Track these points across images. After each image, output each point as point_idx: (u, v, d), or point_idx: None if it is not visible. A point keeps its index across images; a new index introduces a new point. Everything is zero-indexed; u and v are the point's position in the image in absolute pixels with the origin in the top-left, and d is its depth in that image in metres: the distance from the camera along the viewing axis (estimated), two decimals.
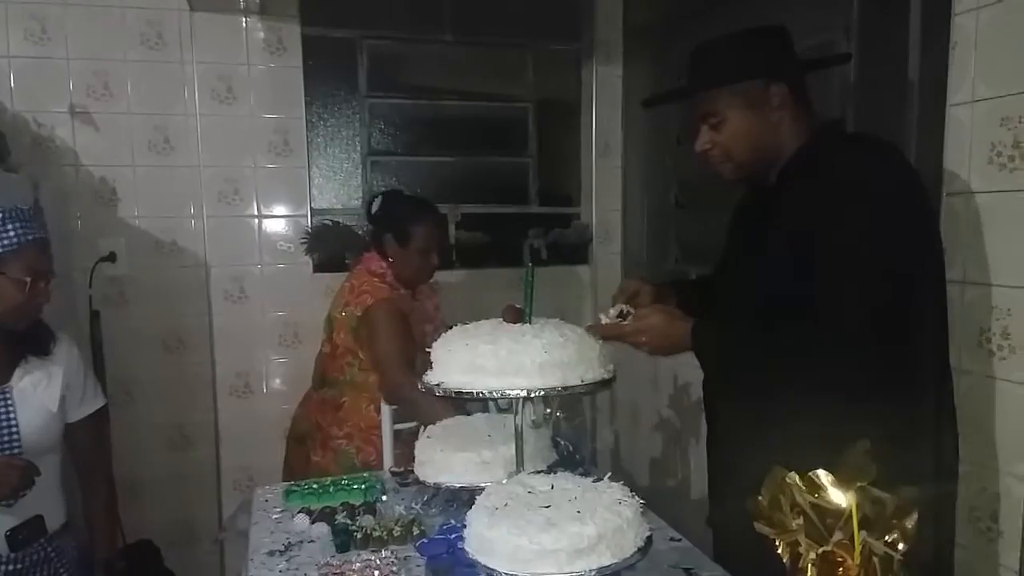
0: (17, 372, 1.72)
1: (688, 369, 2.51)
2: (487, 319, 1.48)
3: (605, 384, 1.35)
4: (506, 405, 1.67)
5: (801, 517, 0.89)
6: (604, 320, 1.50)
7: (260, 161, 2.95)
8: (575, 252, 3.43)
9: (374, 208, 2.48)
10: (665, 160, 3.07)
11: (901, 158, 1.36)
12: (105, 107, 2.76)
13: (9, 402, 1.67)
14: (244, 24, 2.88)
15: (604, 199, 3.40)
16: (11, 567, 1.65)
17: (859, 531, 0.86)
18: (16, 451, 1.66)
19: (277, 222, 2.99)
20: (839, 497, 0.88)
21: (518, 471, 1.46)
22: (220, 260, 2.93)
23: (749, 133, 1.41)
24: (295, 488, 1.86)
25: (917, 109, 1.75)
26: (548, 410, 1.50)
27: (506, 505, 1.17)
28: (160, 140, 2.83)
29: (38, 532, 1.70)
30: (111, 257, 2.73)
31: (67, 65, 2.72)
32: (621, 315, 1.49)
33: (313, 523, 1.65)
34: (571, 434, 2.03)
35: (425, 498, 1.73)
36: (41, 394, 1.73)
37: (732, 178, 1.48)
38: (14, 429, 1.65)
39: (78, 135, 2.74)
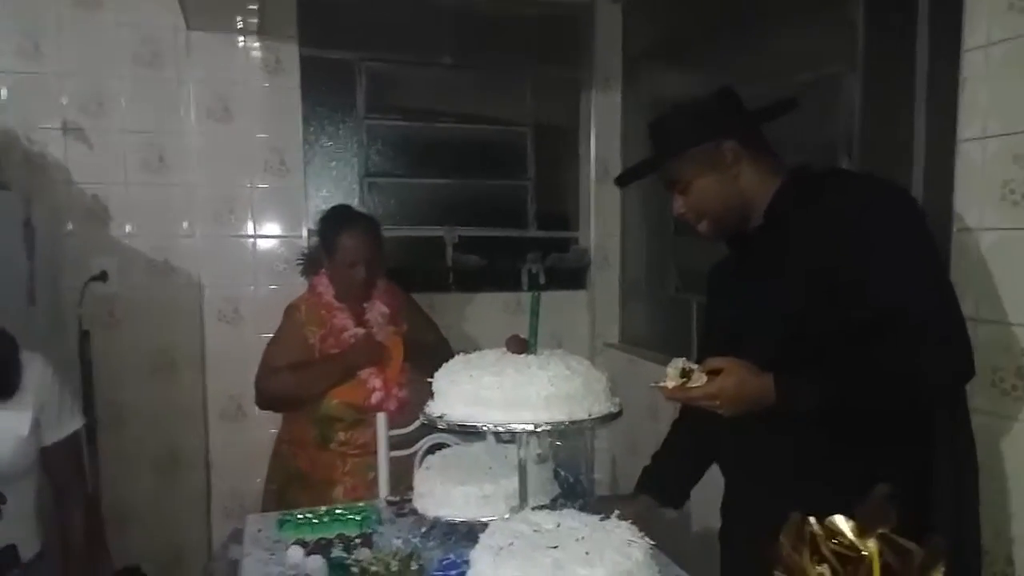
0: None
1: None
2: (487, 347, 1.46)
3: (612, 417, 1.32)
4: (509, 438, 1.63)
5: (824, 566, 0.85)
6: (667, 382, 1.36)
7: (256, 180, 2.93)
8: (573, 277, 3.42)
9: (318, 224, 2.48)
10: (663, 186, 3.06)
11: (885, 180, 1.43)
12: (98, 124, 2.73)
13: None
14: (242, 43, 2.87)
15: (603, 224, 3.39)
16: None
17: None
18: None
19: (272, 242, 2.95)
20: (861, 545, 0.84)
21: (522, 506, 1.42)
22: (214, 280, 2.90)
23: (713, 191, 1.45)
24: (288, 518, 1.81)
25: (924, 143, 1.75)
26: (557, 443, 1.47)
27: (511, 544, 1.13)
28: (154, 158, 2.80)
29: (11, 563, 1.62)
30: (102, 276, 2.69)
31: (60, 82, 2.69)
32: (684, 373, 1.36)
33: (308, 555, 1.59)
34: (571, 464, 1.99)
35: (423, 530, 1.69)
36: (9, 419, 1.66)
37: (713, 236, 1.51)
38: None
39: (70, 152, 2.71)
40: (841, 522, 0.85)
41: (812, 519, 0.87)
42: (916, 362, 1.26)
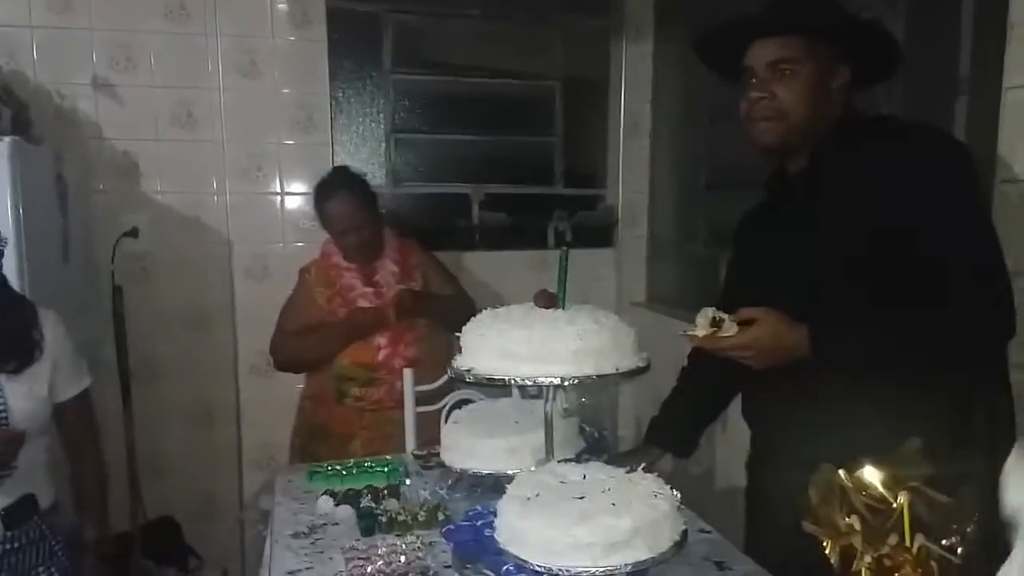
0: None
1: None
2: (515, 303, 1.45)
3: (640, 371, 1.31)
4: (535, 391, 1.64)
5: (854, 517, 0.85)
6: (696, 331, 1.33)
7: (283, 137, 2.92)
8: (600, 234, 3.39)
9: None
10: (696, 140, 3.01)
11: (937, 128, 1.38)
12: (128, 80, 2.74)
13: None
14: None
15: (631, 181, 3.35)
16: (7, 546, 1.63)
17: (915, 534, 0.82)
18: None
19: (299, 200, 2.96)
20: (891, 497, 0.84)
21: (548, 459, 1.43)
22: (243, 237, 2.92)
23: (814, 95, 1.34)
24: (318, 470, 1.85)
25: (968, 91, 1.69)
26: (582, 399, 1.46)
27: (538, 495, 1.14)
28: (183, 114, 2.80)
29: (31, 510, 1.67)
30: (134, 232, 2.71)
31: (90, 36, 2.69)
32: (715, 323, 1.31)
33: (337, 505, 1.63)
34: (596, 419, 2.00)
35: (449, 482, 1.71)
36: (31, 379, 1.68)
37: (771, 142, 1.39)
38: (3, 416, 1.62)
39: (101, 108, 2.73)
40: (871, 474, 0.85)
41: (841, 471, 0.87)
42: (962, 321, 1.23)
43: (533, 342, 1.26)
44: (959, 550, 0.82)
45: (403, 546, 1.43)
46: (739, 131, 1.44)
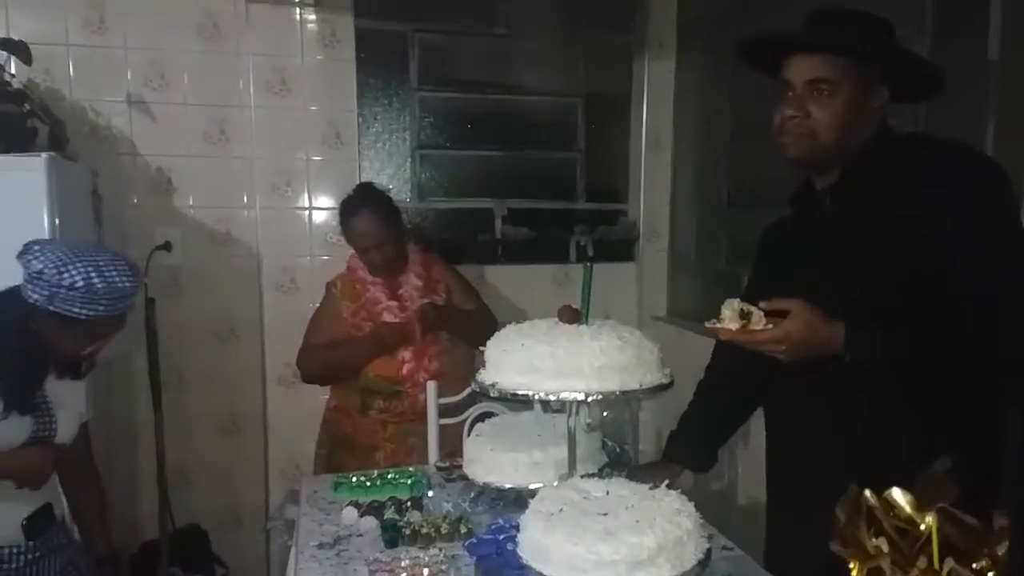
0: (50, 378, 1.68)
1: None
2: (538, 318, 1.46)
3: (663, 388, 1.32)
4: (558, 406, 1.65)
5: (882, 539, 0.83)
6: (726, 323, 1.30)
7: (312, 153, 2.97)
8: (621, 249, 3.40)
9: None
10: (718, 156, 3.02)
11: (972, 147, 1.37)
12: (162, 97, 2.80)
13: (49, 405, 1.66)
14: (299, 16, 2.90)
15: (652, 196, 3.36)
16: (29, 556, 1.65)
17: (944, 557, 0.80)
18: None
19: (327, 214, 3.00)
20: (919, 519, 0.82)
21: (570, 474, 1.44)
22: (272, 251, 2.96)
23: (847, 116, 1.33)
24: (343, 480, 1.87)
25: (996, 104, 1.68)
26: (605, 413, 1.47)
27: (561, 511, 1.15)
28: (216, 131, 2.86)
29: (48, 519, 1.70)
30: (167, 246, 2.77)
31: (125, 54, 2.76)
32: (742, 315, 1.29)
33: (362, 516, 1.65)
34: (618, 434, 2.00)
35: (472, 495, 1.72)
36: (75, 394, 1.72)
37: (800, 157, 1.38)
38: (52, 431, 1.65)
39: (135, 124, 2.79)
40: (899, 495, 0.83)
41: (869, 492, 0.85)
42: (996, 333, 1.22)
43: (557, 357, 1.27)
44: (990, 574, 0.79)
45: (426, 559, 1.44)
46: (761, 148, 1.44)
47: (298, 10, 2.89)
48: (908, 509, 0.83)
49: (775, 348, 1.28)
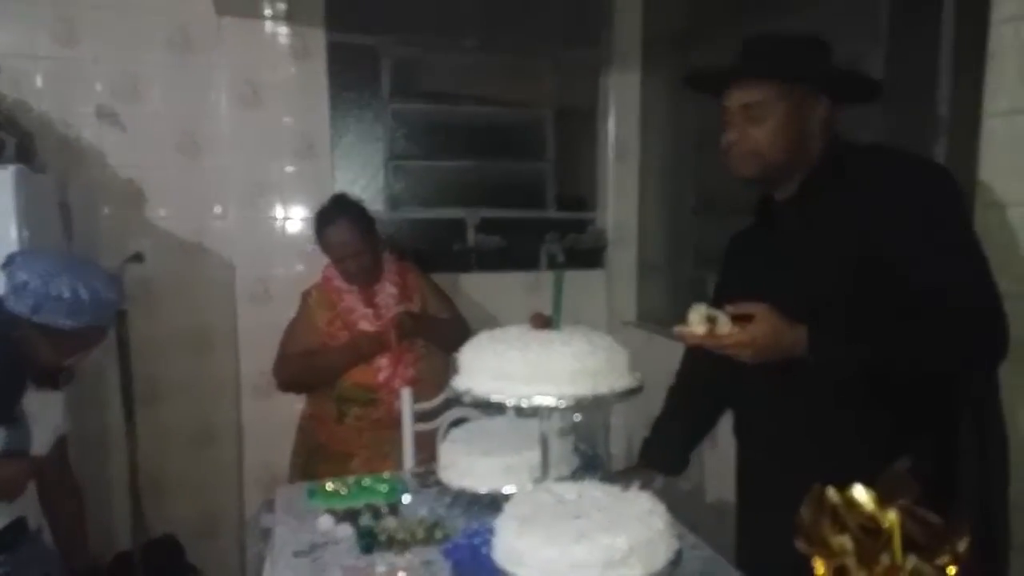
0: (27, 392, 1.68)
1: None
2: (511, 324, 1.49)
3: (634, 392, 1.34)
4: (531, 411, 1.68)
5: (846, 536, 0.85)
6: (693, 329, 1.32)
7: (285, 164, 2.98)
8: (591, 256, 3.45)
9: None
10: (683, 166, 3.08)
11: (924, 158, 1.42)
12: (133, 109, 2.79)
13: (24, 417, 1.65)
14: (270, 29, 2.91)
15: (620, 204, 3.42)
16: (3, 571, 1.63)
17: (907, 554, 0.82)
18: None
19: (300, 224, 3.01)
20: (881, 517, 0.84)
21: (544, 477, 1.46)
22: (245, 261, 2.96)
23: (785, 136, 1.38)
24: (318, 488, 1.87)
25: (948, 118, 1.75)
26: (577, 417, 1.50)
27: (535, 514, 1.16)
28: (188, 142, 2.86)
29: (21, 532, 1.68)
30: (138, 257, 2.75)
31: (95, 67, 2.74)
32: (710, 320, 1.32)
33: (337, 524, 1.65)
34: (590, 438, 2.03)
35: (447, 500, 1.74)
36: (52, 407, 1.72)
37: (750, 176, 1.43)
38: (26, 443, 1.64)
39: (105, 136, 2.77)
40: (861, 493, 0.85)
41: (832, 490, 0.87)
42: (953, 343, 1.25)
43: (529, 363, 1.27)
44: (952, 569, 0.82)
45: (401, 564, 1.46)
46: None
47: (270, 23, 2.90)
48: (871, 507, 0.85)
49: (741, 352, 1.31)
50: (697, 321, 1.31)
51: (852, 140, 1.46)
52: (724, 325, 1.30)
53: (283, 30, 2.92)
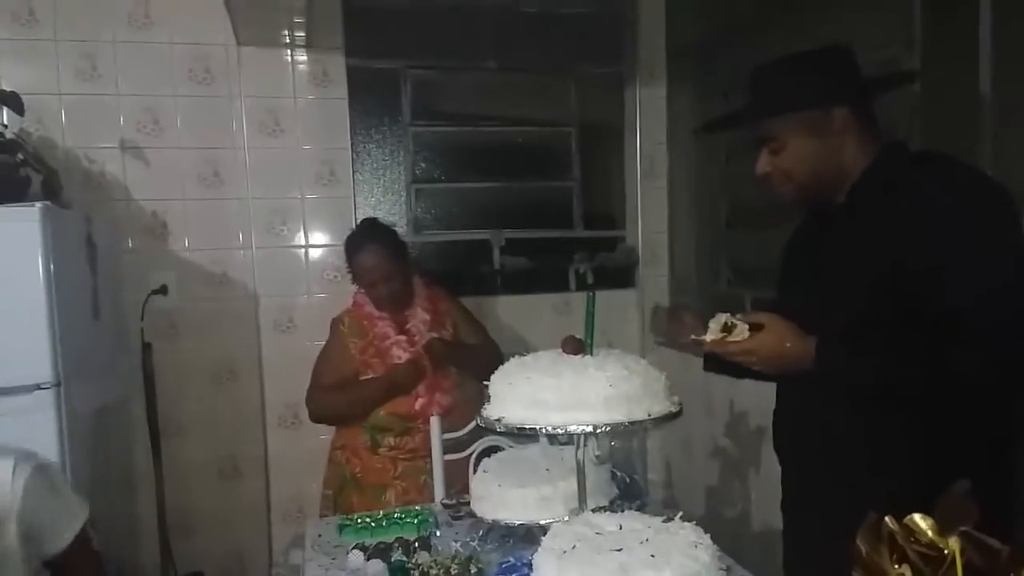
0: None
1: (745, 396, 2.44)
2: (538, 349, 1.45)
3: (672, 417, 1.30)
4: (566, 439, 1.63)
5: (906, 566, 0.81)
6: (707, 336, 1.36)
7: (307, 192, 2.97)
8: (621, 276, 3.39)
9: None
10: (713, 180, 3.02)
11: (981, 174, 1.33)
12: (155, 142, 2.80)
13: None
14: (290, 57, 2.92)
15: (650, 221, 3.36)
16: None
17: None
18: None
19: (323, 252, 2.99)
20: (942, 544, 0.79)
21: (581, 508, 1.41)
22: (269, 291, 2.95)
23: (810, 158, 1.37)
24: (348, 522, 1.84)
25: (991, 122, 1.68)
26: (613, 444, 1.45)
27: (574, 547, 1.12)
28: (209, 173, 2.86)
29: None
30: (163, 290, 2.76)
31: (117, 101, 2.77)
32: (726, 328, 1.34)
33: (368, 560, 1.61)
34: (627, 464, 1.97)
35: (480, 533, 1.69)
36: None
37: (792, 200, 1.44)
38: None
39: (129, 170, 2.79)
40: (920, 520, 0.80)
41: (889, 518, 0.84)
42: (975, 367, 1.20)
43: (563, 390, 1.26)
44: None
45: None
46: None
47: (289, 51, 2.91)
48: (930, 534, 0.80)
49: (747, 359, 1.33)
50: (715, 329, 1.35)
51: (905, 145, 1.41)
52: (740, 333, 1.33)
53: (302, 57, 2.93)
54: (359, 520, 1.84)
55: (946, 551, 0.79)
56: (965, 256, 1.22)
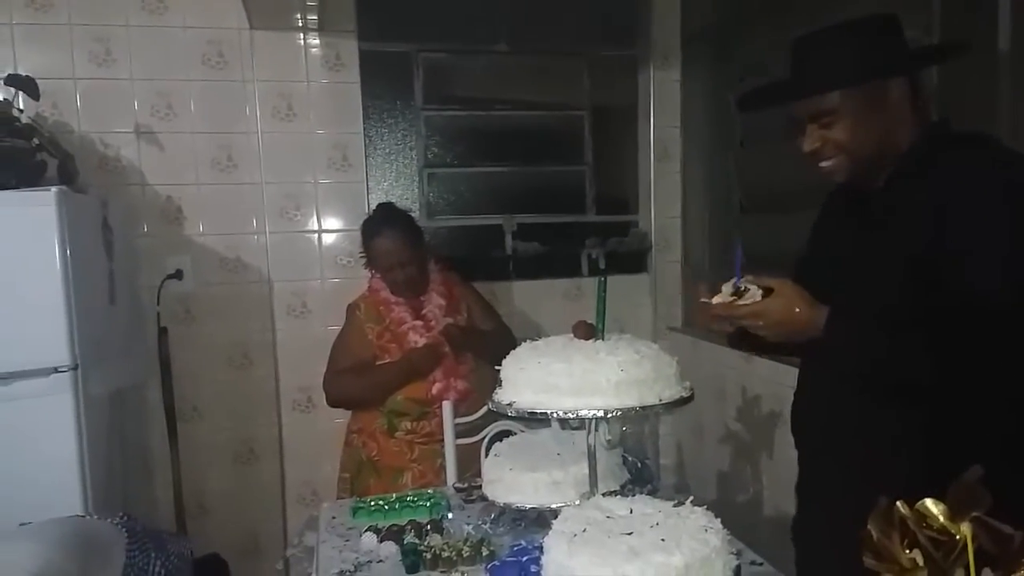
0: None
1: (757, 381, 2.44)
2: (550, 334, 1.45)
3: (683, 402, 1.30)
4: (577, 424, 1.63)
5: (917, 551, 0.80)
6: (718, 299, 1.31)
7: (320, 176, 2.97)
8: (634, 261, 3.38)
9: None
10: (728, 164, 3.00)
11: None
12: (169, 126, 2.81)
13: None
14: (303, 41, 2.91)
15: (663, 206, 3.35)
16: None
17: (981, 567, 0.77)
18: None
19: (337, 236, 3.00)
20: (954, 529, 0.79)
21: (592, 492, 1.42)
22: (282, 275, 2.96)
23: (869, 132, 1.29)
24: (361, 505, 1.86)
25: (1008, 109, 1.66)
26: (624, 428, 1.45)
27: (584, 531, 1.13)
28: (224, 158, 2.87)
29: None
30: (178, 275, 2.78)
31: (132, 86, 2.77)
32: (737, 292, 1.30)
33: (381, 542, 1.63)
34: (638, 449, 1.98)
35: (492, 516, 1.70)
36: None
37: (843, 179, 1.36)
38: None
39: (144, 155, 2.80)
40: (931, 506, 0.80)
41: (900, 503, 0.82)
42: (974, 351, 1.19)
43: (574, 375, 1.26)
44: None
45: None
46: (771, 153, 1.42)
47: (302, 35, 2.91)
48: (942, 519, 0.80)
49: (754, 323, 1.28)
50: (726, 293, 1.31)
51: (945, 125, 1.36)
52: (751, 297, 1.29)
53: (315, 41, 2.92)
54: (372, 503, 1.86)
55: (957, 536, 0.79)
56: (999, 246, 1.19)
